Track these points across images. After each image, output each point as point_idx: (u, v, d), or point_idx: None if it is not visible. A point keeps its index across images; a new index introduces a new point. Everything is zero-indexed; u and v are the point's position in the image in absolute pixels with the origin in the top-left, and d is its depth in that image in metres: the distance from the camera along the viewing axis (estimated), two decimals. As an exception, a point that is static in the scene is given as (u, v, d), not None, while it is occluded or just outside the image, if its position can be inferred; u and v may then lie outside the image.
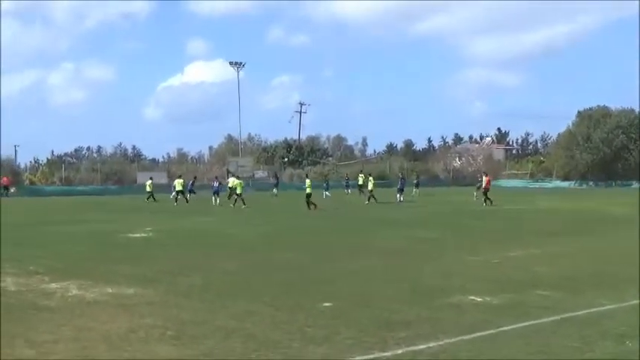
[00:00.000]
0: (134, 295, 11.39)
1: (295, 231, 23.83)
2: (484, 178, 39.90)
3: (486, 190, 38.43)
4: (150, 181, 47.38)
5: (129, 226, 25.41)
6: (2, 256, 15.90)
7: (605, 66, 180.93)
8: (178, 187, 42.58)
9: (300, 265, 15.04)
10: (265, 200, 46.20)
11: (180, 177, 44.72)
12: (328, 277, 13.30)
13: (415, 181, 52.79)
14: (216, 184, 42.45)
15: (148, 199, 44.90)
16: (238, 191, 38.36)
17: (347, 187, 58.21)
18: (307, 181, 38.41)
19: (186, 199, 42.86)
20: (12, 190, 57.03)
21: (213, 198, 40.74)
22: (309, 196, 35.64)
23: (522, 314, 9.74)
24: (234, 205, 37.28)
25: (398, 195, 42.11)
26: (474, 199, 42.63)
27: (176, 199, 41.77)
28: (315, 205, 34.68)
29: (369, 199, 40.58)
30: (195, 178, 52.81)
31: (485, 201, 37.43)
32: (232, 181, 42.59)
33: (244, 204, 36.86)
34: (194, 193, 46.84)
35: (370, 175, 47.30)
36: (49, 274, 13.56)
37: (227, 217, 30.65)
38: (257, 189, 62.95)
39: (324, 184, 52.50)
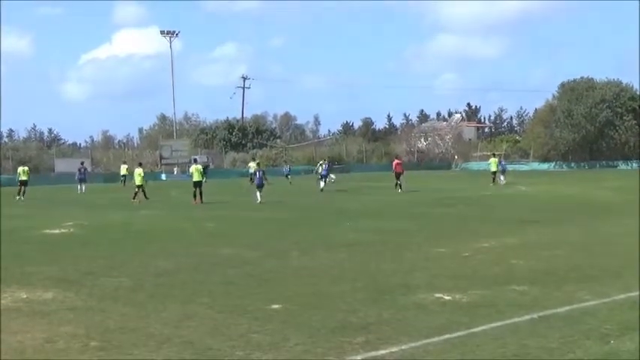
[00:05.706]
0: (52, 301, 11.24)
1: (242, 224, 23.71)
2: (395, 162, 40.99)
3: (398, 174, 39.34)
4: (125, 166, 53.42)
5: (46, 221, 25.02)
6: None
7: (590, 33, 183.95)
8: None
9: (245, 263, 15.00)
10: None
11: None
12: (277, 276, 13.30)
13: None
14: (259, 173, 38.73)
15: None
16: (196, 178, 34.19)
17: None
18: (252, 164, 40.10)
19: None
20: None
21: (258, 193, 34.28)
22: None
23: (496, 313, 9.86)
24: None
25: (322, 182, 42.07)
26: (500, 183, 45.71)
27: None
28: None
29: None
30: (82, 163, 51.70)
31: (396, 186, 38.72)
32: (253, 166, 44.20)
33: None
34: (85, 182, 46.39)
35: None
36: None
37: (168, 210, 30.29)
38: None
39: (287, 169, 53.28)
